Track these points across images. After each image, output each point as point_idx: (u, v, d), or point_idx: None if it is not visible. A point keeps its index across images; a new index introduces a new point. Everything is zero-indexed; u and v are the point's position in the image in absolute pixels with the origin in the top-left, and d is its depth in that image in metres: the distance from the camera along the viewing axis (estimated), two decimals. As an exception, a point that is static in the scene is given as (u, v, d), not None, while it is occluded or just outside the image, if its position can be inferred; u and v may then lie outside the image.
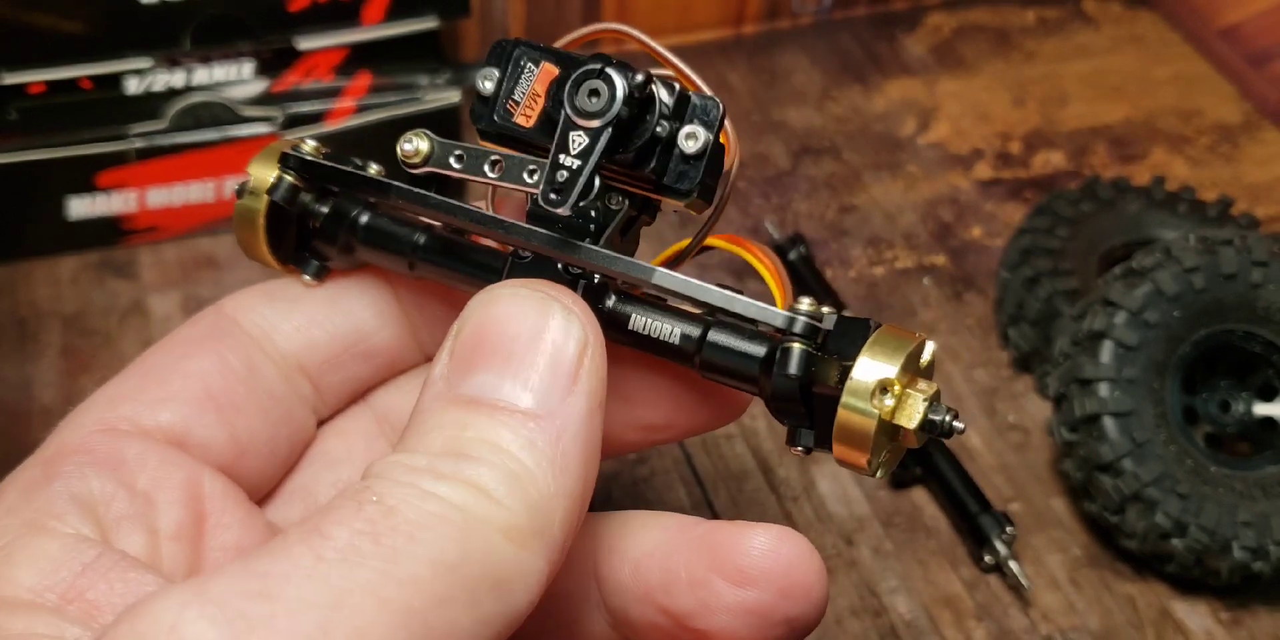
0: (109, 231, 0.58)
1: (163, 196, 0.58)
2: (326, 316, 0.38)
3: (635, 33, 0.35)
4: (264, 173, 0.36)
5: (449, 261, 0.36)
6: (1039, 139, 0.66)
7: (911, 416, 0.31)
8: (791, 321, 0.32)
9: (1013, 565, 0.48)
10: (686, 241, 0.37)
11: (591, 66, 0.31)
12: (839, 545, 0.50)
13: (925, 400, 0.31)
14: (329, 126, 0.58)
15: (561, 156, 0.32)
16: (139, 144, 0.56)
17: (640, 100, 0.32)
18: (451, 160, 0.34)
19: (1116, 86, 0.70)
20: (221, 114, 0.57)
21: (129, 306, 0.56)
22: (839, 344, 0.32)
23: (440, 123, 0.59)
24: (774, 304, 0.34)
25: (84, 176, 0.56)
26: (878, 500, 0.51)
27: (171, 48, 0.56)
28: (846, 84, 0.68)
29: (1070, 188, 0.60)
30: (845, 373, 0.31)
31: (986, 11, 0.73)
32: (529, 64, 0.33)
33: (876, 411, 0.31)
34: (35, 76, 0.55)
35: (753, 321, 0.33)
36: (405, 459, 0.29)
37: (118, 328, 0.56)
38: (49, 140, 0.56)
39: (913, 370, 0.32)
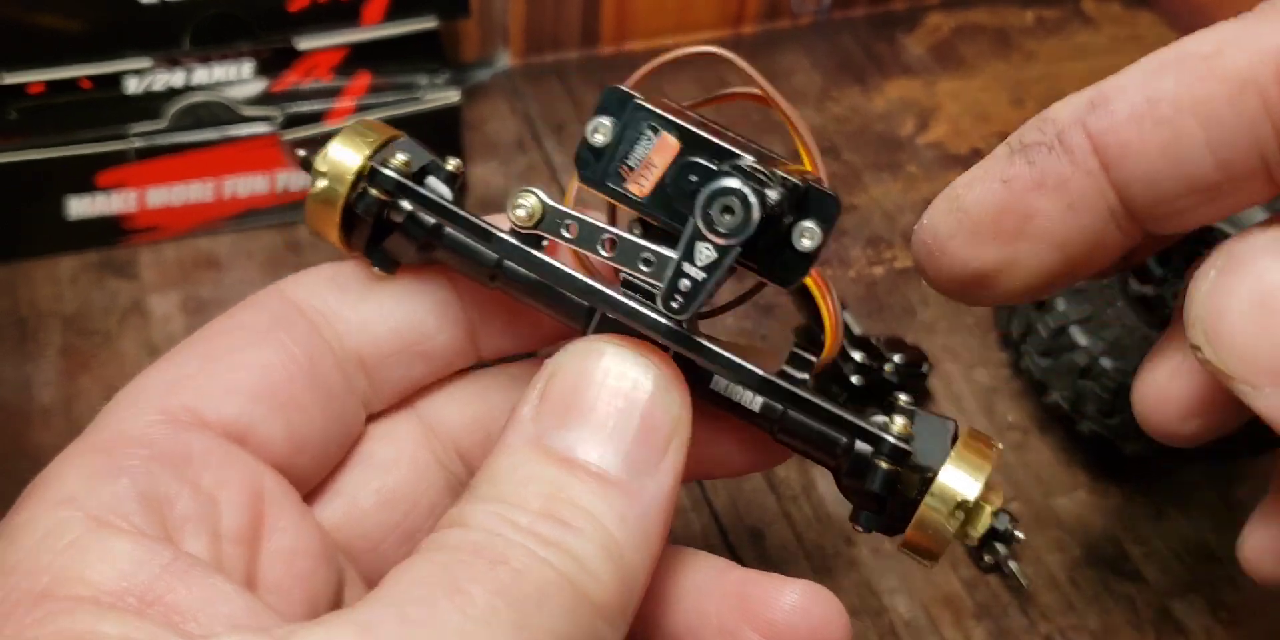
0: (109, 231, 0.58)
1: (163, 196, 0.58)
2: (392, 312, 0.37)
3: (778, 99, 0.35)
4: (347, 160, 0.36)
5: (537, 284, 0.35)
6: (1039, 139, 0.66)
7: (979, 527, 0.33)
8: (879, 442, 0.33)
9: (1013, 565, 0.48)
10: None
11: (729, 185, 0.31)
12: (839, 545, 0.50)
13: (993, 512, 0.33)
14: (329, 126, 0.58)
15: (686, 265, 0.31)
16: (139, 144, 0.56)
17: (771, 217, 0.31)
18: (564, 231, 0.34)
19: (1116, 87, 0.70)
20: (221, 114, 0.57)
21: (129, 306, 0.56)
22: (921, 446, 0.34)
23: (440, 123, 0.59)
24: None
25: (84, 176, 0.56)
26: (877, 500, 0.51)
27: (171, 48, 0.56)
28: (846, 84, 0.68)
29: None
30: (926, 484, 0.33)
31: (986, 12, 0.73)
32: (648, 131, 0.33)
33: (951, 529, 0.33)
34: (35, 76, 0.55)
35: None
36: (506, 513, 0.29)
37: (118, 328, 0.56)
38: (49, 140, 0.56)
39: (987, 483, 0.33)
